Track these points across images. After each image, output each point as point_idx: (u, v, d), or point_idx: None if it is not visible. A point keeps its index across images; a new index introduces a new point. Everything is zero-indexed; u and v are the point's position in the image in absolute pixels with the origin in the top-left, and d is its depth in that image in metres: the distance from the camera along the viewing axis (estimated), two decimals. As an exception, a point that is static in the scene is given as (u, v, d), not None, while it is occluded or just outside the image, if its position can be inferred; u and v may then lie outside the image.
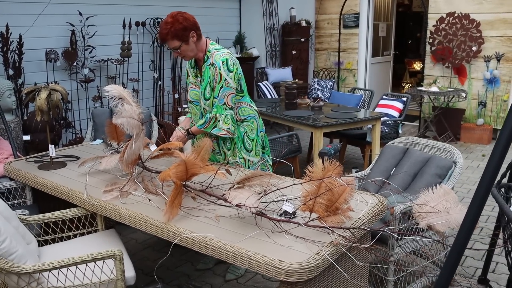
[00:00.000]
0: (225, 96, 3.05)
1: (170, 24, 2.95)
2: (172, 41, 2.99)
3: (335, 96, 6.62)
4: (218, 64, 3.02)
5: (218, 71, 3.02)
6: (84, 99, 5.73)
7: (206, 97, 3.13)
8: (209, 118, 3.09)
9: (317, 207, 2.14)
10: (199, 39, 3.07)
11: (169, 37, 2.97)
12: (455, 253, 1.58)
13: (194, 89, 3.25)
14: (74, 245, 2.73)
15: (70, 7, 5.45)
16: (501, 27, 7.14)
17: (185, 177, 2.37)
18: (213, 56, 3.07)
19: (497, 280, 3.42)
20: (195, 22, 3.07)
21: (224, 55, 3.05)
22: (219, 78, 3.02)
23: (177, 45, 3.00)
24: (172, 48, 3.03)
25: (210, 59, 3.08)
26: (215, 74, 3.03)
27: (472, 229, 1.56)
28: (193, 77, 3.24)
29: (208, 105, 3.14)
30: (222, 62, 3.02)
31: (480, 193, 1.53)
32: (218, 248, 2.09)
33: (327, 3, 8.78)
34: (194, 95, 3.26)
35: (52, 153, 3.25)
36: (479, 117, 7.44)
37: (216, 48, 3.12)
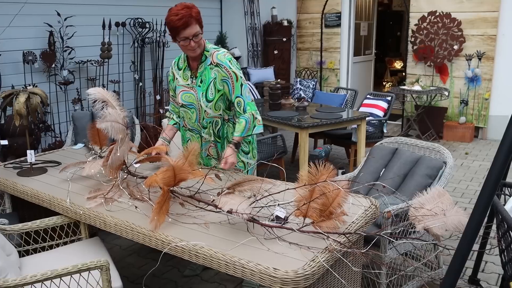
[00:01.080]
0: (248, 92, 2.93)
1: (189, 7, 2.74)
2: (194, 26, 2.75)
3: (318, 96, 6.58)
4: (226, 64, 2.87)
5: (230, 70, 2.86)
6: (64, 102, 5.59)
7: (209, 99, 2.92)
8: (248, 120, 2.88)
9: (311, 212, 2.07)
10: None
11: (193, 20, 2.73)
12: (459, 258, 1.53)
13: (187, 91, 3.00)
14: (57, 255, 2.62)
15: (47, 7, 5.31)
16: (481, 26, 7.17)
17: (172, 183, 2.29)
18: (214, 55, 2.90)
19: (487, 280, 3.40)
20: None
21: (227, 54, 2.92)
22: (235, 76, 2.87)
23: (198, 30, 2.77)
24: (193, 35, 2.76)
25: (209, 59, 2.91)
26: (228, 73, 2.86)
27: (477, 233, 1.52)
28: (184, 79, 3.01)
29: (210, 107, 2.93)
30: (229, 61, 2.88)
31: (485, 196, 1.48)
32: (209, 257, 2.01)
33: (309, 3, 8.74)
34: (188, 97, 3.00)
35: (32, 159, 3.13)
36: (461, 115, 7.47)
37: (214, 47, 2.96)
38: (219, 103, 2.95)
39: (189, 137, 3.13)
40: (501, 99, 7.23)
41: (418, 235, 2.88)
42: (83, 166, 2.88)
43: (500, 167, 1.46)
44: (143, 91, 6.58)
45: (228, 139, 3.06)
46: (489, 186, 1.47)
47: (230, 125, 3.05)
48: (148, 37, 6.46)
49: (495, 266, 3.57)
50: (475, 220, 1.51)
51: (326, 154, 5.74)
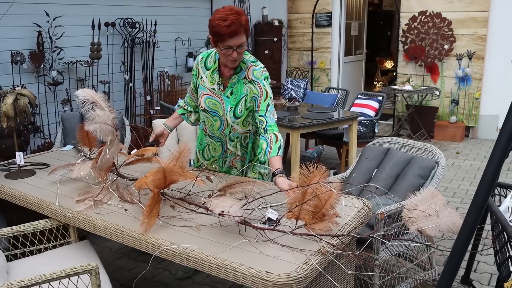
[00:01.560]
0: (273, 114, 2.68)
1: (238, 14, 2.47)
2: (242, 36, 2.50)
3: (310, 96, 6.57)
4: (261, 82, 2.65)
5: (263, 88, 2.65)
6: (53, 103, 5.52)
7: (237, 115, 2.72)
8: (268, 141, 2.59)
9: (303, 214, 2.05)
10: None
11: (242, 31, 2.48)
12: (454, 259, 1.51)
13: (212, 97, 2.76)
14: (46, 259, 2.58)
15: (36, 7, 5.25)
16: (471, 25, 7.20)
17: (163, 185, 2.26)
18: (250, 70, 2.67)
19: (479, 280, 3.40)
20: None
21: (264, 71, 2.69)
22: (265, 95, 2.65)
23: (245, 41, 2.54)
24: (238, 45, 2.52)
25: (245, 72, 2.68)
26: (260, 92, 2.65)
27: (472, 234, 1.50)
28: (210, 82, 2.76)
29: (238, 123, 2.75)
30: (264, 79, 2.67)
31: (479, 198, 1.47)
32: (200, 260, 1.98)
33: (299, 3, 8.73)
34: (212, 104, 2.77)
35: (20, 161, 3.09)
36: (452, 114, 7.49)
37: (251, 61, 2.71)
38: (248, 120, 2.78)
39: (208, 142, 2.96)
40: (492, 98, 7.26)
41: (411, 236, 2.87)
42: (72, 168, 2.84)
43: (495, 167, 1.44)
44: (133, 92, 6.52)
45: (255, 151, 2.92)
46: (484, 187, 1.45)
47: (257, 138, 2.90)
48: (138, 37, 6.40)
49: (487, 266, 3.57)
50: (470, 221, 1.49)
51: (318, 155, 5.73)
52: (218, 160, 2.97)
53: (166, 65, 7.02)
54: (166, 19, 6.95)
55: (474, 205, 1.50)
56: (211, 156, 2.98)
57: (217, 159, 2.96)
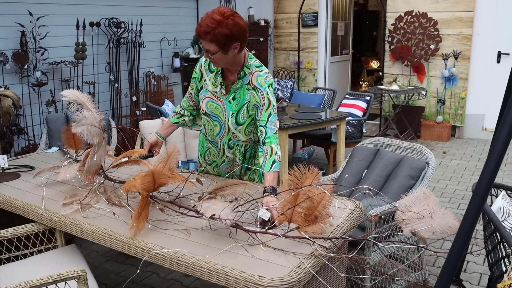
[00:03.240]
0: (274, 124, 2.58)
1: (216, 24, 2.34)
2: (209, 43, 2.40)
3: (297, 96, 6.55)
4: (264, 90, 2.55)
5: (266, 96, 2.54)
6: (37, 104, 5.44)
7: (239, 122, 2.63)
8: (264, 154, 2.50)
9: (296, 216, 2.02)
10: (240, 51, 2.49)
11: (207, 38, 2.37)
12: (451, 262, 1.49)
13: (214, 100, 2.66)
14: (32, 264, 2.51)
15: (19, 7, 5.16)
16: (457, 25, 7.24)
17: (152, 188, 2.21)
18: (254, 76, 2.56)
19: (469, 279, 3.40)
20: (246, 31, 2.44)
21: (268, 77, 2.58)
22: (267, 103, 2.55)
23: (212, 50, 2.41)
24: (206, 49, 2.44)
25: (249, 78, 2.58)
26: (262, 100, 2.55)
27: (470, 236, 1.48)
28: (213, 85, 2.65)
29: (240, 130, 2.66)
30: (268, 86, 2.56)
31: (477, 200, 1.45)
32: (191, 265, 1.94)
33: (286, 2, 8.71)
34: (213, 108, 2.67)
35: (4, 164, 3.02)
36: (438, 114, 7.52)
37: (255, 65, 2.59)
38: (250, 128, 2.69)
39: (208, 147, 2.87)
40: (477, 98, 7.31)
41: (403, 237, 2.85)
42: (58, 171, 2.78)
43: (492, 170, 1.42)
44: (119, 92, 6.45)
45: (254, 159, 2.85)
46: (481, 189, 1.44)
47: (256, 147, 2.82)
48: (123, 38, 6.34)
49: (477, 266, 3.57)
50: (467, 223, 1.47)
51: (309, 156, 5.71)
52: (220, 166, 2.90)
53: (152, 66, 6.96)
54: (152, 19, 6.88)
55: (471, 207, 1.48)
56: (212, 161, 2.91)
57: (218, 164, 2.89)
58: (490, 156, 1.43)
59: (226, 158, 2.82)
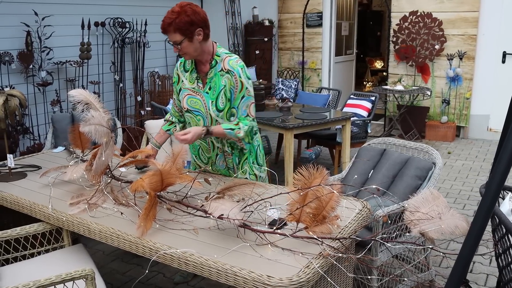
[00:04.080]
0: (247, 106, 2.71)
1: (176, 14, 2.55)
2: (174, 34, 2.58)
3: (302, 96, 6.54)
4: (237, 71, 2.66)
5: (239, 79, 2.65)
6: (42, 104, 5.44)
7: (220, 108, 2.72)
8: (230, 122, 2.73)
9: (304, 216, 2.02)
10: (206, 39, 2.65)
11: (171, 29, 2.56)
12: (461, 264, 1.48)
13: (194, 96, 2.79)
14: (39, 263, 2.52)
15: (24, 6, 5.17)
16: (462, 25, 7.22)
17: (160, 188, 2.21)
18: (225, 61, 2.69)
19: (476, 280, 3.39)
20: (206, 18, 2.64)
21: (239, 61, 2.70)
22: (240, 86, 2.66)
23: (178, 39, 2.58)
24: (173, 42, 2.62)
25: (221, 65, 2.70)
26: (235, 83, 2.66)
27: (479, 238, 1.47)
28: (190, 82, 2.80)
29: (221, 116, 2.74)
30: (241, 69, 2.67)
31: (487, 201, 1.44)
32: (199, 265, 1.94)
33: (290, 2, 8.71)
34: (193, 103, 2.79)
35: (11, 164, 3.02)
36: (443, 114, 7.50)
37: (226, 53, 2.74)
38: (231, 112, 2.77)
39: (198, 144, 2.95)
40: (482, 98, 7.29)
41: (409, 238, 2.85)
42: (65, 171, 2.78)
43: (503, 170, 1.41)
44: (124, 92, 6.45)
45: (242, 150, 2.89)
46: (492, 190, 1.43)
47: None
48: (128, 37, 6.34)
49: (483, 267, 3.56)
50: (477, 225, 1.46)
51: (316, 156, 5.70)
52: (215, 161, 2.92)
53: (156, 65, 6.95)
54: (157, 19, 6.84)
55: (481, 209, 1.47)
56: (208, 158, 2.93)
57: (214, 161, 2.91)
58: (501, 156, 1.42)
59: (218, 149, 2.88)
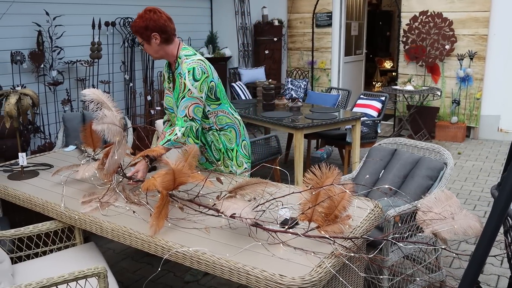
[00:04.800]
0: (186, 107, 2.74)
1: (138, 18, 2.79)
2: (137, 36, 2.85)
3: (311, 96, 6.53)
4: (184, 74, 2.75)
5: (183, 81, 2.74)
6: (53, 103, 5.48)
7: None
8: (167, 132, 2.80)
9: (316, 216, 2.01)
10: (166, 42, 2.80)
11: (133, 31, 2.83)
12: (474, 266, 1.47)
13: (168, 94, 2.99)
14: (52, 261, 2.53)
15: (36, 6, 5.21)
16: (473, 25, 7.18)
17: (172, 187, 2.22)
18: (183, 64, 2.79)
19: (487, 281, 3.37)
20: (162, 24, 2.76)
21: (191, 63, 2.77)
22: (183, 88, 2.75)
23: (140, 41, 2.85)
24: (140, 43, 2.87)
25: (180, 67, 2.81)
26: (180, 85, 2.77)
27: (493, 239, 1.46)
28: (167, 81, 3.00)
29: None
30: (188, 72, 2.74)
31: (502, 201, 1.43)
32: (212, 263, 1.94)
33: (299, 2, 8.70)
34: (168, 101, 2.99)
35: (23, 162, 3.04)
36: (453, 115, 7.47)
37: (186, 55, 2.84)
38: None
39: None
40: (493, 99, 7.25)
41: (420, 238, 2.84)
42: (77, 169, 2.79)
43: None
44: (134, 92, 6.48)
45: (216, 146, 2.97)
46: (506, 190, 1.42)
47: (214, 134, 2.95)
48: (138, 37, 6.36)
49: (494, 268, 3.54)
50: (492, 225, 1.45)
51: (328, 156, 5.69)
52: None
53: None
54: (166, 19, 6.89)
55: (496, 209, 1.46)
56: None
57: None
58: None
59: None
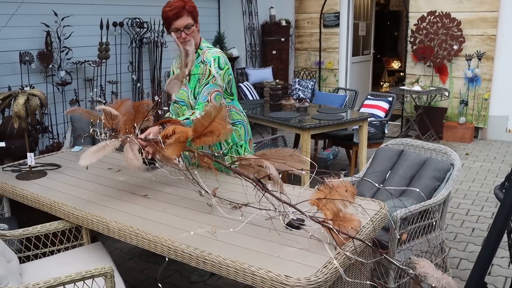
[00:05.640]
0: (209, 93, 2.82)
1: (183, 1, 2.78)
2: (186, 17, 2.79)
3: (319, 96, 6.53)
4: (209, 61, 2.85)
5: (208, 67, 2.84)
6: (61, 103, 5.51)
7: (196, 94, 2.92)
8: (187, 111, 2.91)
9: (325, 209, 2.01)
10: (198, 31, 2.92)
11: (184, 12, 2.78)
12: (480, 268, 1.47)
13: (181, 88, 2.98)
14: (59, 261, 2.55)
15: (44, 7, 5.24)
16: (481, 25, 7.14)
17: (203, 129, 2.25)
18: (205, 53, 2.91)
19: (494, 283, 3.36)
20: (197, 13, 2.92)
21: (216, 53, 2.90)
22: (208, 74, 2.83)
23: (190, 22, 2.81)
24: (184, 26, 2.80)
25: (201, 57, 2.91)
26: (204, 71, 2.85)
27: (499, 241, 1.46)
28: None
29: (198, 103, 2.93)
30: (213, 60, 2.86)
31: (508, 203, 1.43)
32: (217, 264, 1.95)
33: (307, 2, 8.70)
34: (181, 94, 3.01)
35: (31, 162, 3.06)
36: (461, 115, 7.44)
37: (208, 46, 2.97)
38: None
39: None
40: (501, 99, 7.21)
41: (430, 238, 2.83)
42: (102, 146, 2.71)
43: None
44: (141, 92, 6.51)
45: (225, 140, 3.00)
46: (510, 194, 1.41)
47: None
48: (146, 37, 6.39)
49: (502, 269, 3.52)
50: (497, 228, 1.45)
51: (334, 157, 5.69)
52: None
53: (174, 65, 6.99)
54: (174, 19, 6.91)
55: (501, 211, 1.46)
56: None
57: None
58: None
59: None
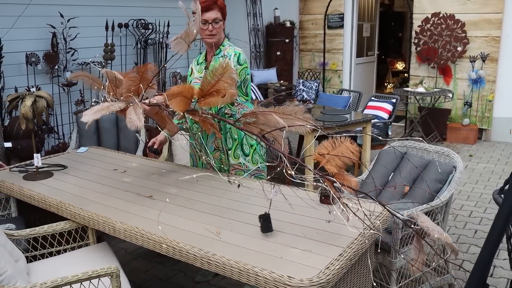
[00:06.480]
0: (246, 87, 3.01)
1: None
2: (216, 12, 2.91)
3: (322, 97, 6.55)
4: (229, 55, 2.96)
5: (227, 60, 2.92)
6: (67, 103, 5.56)
7: None
8: None
9: (329, 165, 2.07)
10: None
11: (215, 6, 2.90)
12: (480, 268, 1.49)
13: (198, 83, 3.00)
14: (65, 260, 2.59)
15: (50, 9, 5.28)
16: (485, 27, 7.15)
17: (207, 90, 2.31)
18: (226, 49, 3.02)
19: (496, 284, 3.38)
20: None
21: (237, 49, 3.02)
22: None
23: (219, 17, 2.93)
24: (212, 20, 2.91)
25: (222, 52, 3.02)
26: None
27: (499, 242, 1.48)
28: (199, 72, 3.13)
29: None
30: (234, 54, 2.96)
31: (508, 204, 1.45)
32: (222, 264, 1.98)
33: (311, 4, 8.72)
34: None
35: (38, 163, 3.10)
36: (465, 117, 7.45)
37: (230, 44, 3.08)
38: None
39: (195, 130, 3.15)
40: (505, 101, 7.22)
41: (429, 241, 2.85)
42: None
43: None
44: (146, 93, 6.54)
45: (231, 135, 3.05)
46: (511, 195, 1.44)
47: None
48: (151, 39, 6.43)
49: (504, 271, 3.54)
50: (497, 228, 1.47)
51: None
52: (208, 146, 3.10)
53: (178, 66, 7.03)
54: (179, 20, 6.91)
55: (502, 212, 1.48)
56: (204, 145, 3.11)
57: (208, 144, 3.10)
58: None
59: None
